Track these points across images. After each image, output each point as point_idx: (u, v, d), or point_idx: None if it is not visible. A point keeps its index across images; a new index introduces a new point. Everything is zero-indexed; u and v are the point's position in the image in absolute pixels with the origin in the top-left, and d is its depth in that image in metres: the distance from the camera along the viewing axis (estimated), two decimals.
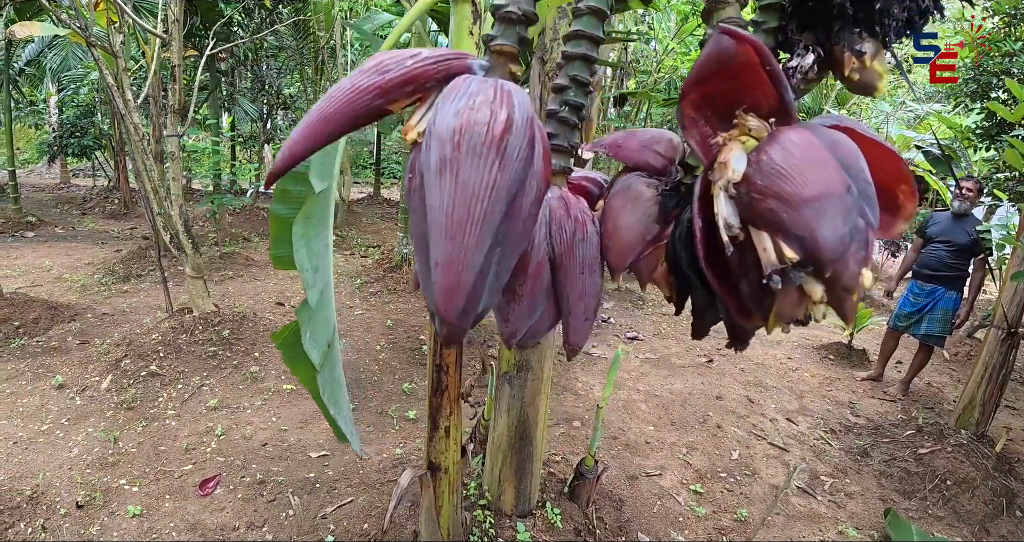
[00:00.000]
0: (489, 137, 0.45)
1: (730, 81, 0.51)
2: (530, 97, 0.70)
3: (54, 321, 4.73)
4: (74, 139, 9.56)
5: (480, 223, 0.46)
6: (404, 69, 0.51)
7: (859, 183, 0.46)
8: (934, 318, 4.66)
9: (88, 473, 2.95)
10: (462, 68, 0.54)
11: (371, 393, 3.97)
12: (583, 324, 0.63)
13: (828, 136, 0.48)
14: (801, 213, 0.44)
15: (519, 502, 2.45)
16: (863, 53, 0.56)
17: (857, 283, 0.45)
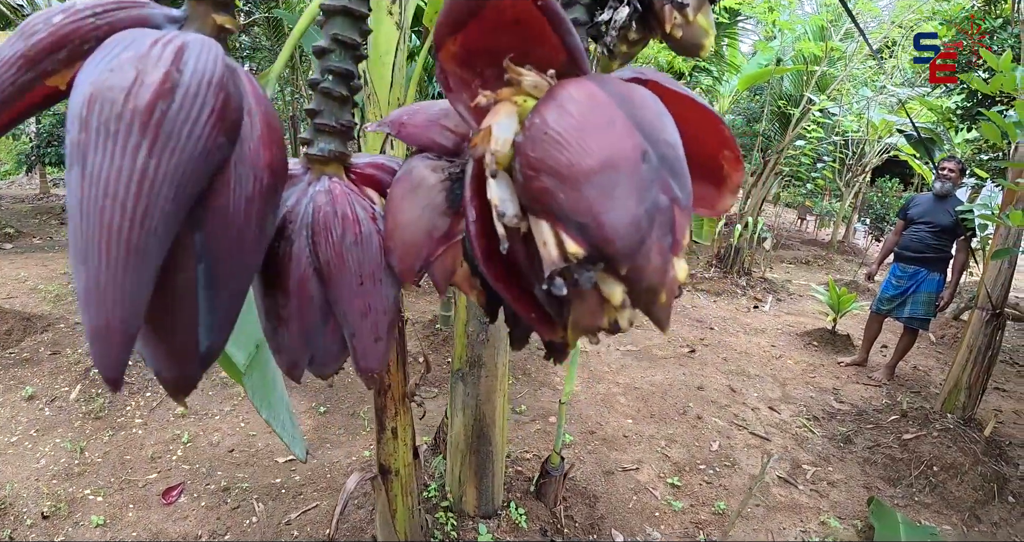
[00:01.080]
0: (129, 107, 0.31)
1: (500, 25, 0.40)
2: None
3: (27, 332, 4.65)
4: (51, 148, 9.44)
5: (121, 231, 0.31)
6: (52, 28, 0.37)
7: (660, 147, 0.35)
8: (918, 301, 4.63)
9: (54, 484, 2.90)
10: (135, 20, 0.39)
11: (343, 395, 3.91)
12: (374, 346, 0.50)
13: (620, 89, 0.37)
14: (581, 192, 0.34)
15: (482, 503, 2.39)
16: (685, 5, 0.50)
17: (665, 279, 0.35)
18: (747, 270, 7.87)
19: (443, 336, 4.71)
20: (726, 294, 7.20)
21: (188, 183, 0.33)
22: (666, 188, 0.35)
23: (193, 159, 0.33)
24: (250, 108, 0.38)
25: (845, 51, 7.98)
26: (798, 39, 8.88)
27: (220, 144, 0.35)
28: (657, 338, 5.44)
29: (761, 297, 7.29)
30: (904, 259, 4.71)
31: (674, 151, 0.36)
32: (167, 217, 0.33)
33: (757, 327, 6.06)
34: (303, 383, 3.98)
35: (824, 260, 10.19)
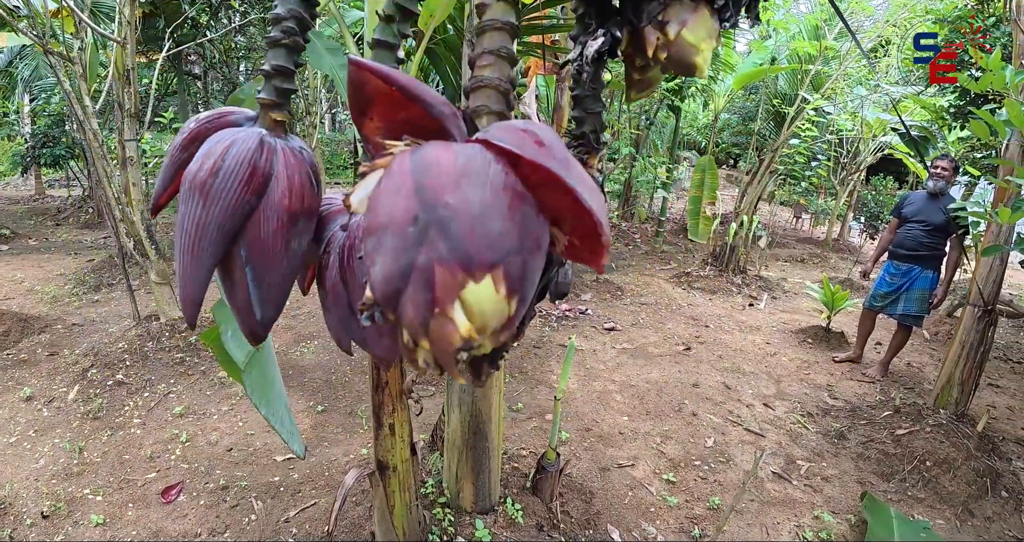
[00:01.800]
0: (195, 183, 0.56)
1: (393, 104, 0.50)
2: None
3: (24, 333, 4.66)
4: (46, 149, 9.39)
5: (192, 248, 0.57)
6: (187, 130, 0.65)
7: (436, 211, 0.39)
8: (911, 298, 4.67)
9: (53, 483, 2.92)
10: (228, 123, 0.65)
11: (341, 394, 3.93)
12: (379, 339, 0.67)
13: (431, 155, 0.42)
14: (366, 247, 0.41)
15: (478, 499, 2.41)
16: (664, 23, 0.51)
17: (421, 331, 0.39)
18: (742, 268, 7.90)
19: None
20: (721, 292, 7.23)
21: (226, 223, 0.57)
22: (432, 249, 0.38)
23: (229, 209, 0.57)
24: (278, 173, 0.59)
25: (840, 50, 8.02)
26: (792, 38, 8.92)
27: (249, 199, 0.58)
28: (653, 336, 5.47)
29: (756, 295, 7.33)
30: (898, 257, 4.74)
31: (452, 213, 0.38)
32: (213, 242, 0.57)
33: (752, 325, 6.09)
34: (300, 383, 4.00)
35: (819, 258, 10.22)
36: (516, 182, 0.41)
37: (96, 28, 3.89)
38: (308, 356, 4.47)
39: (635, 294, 6.71)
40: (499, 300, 0.40)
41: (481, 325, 0.39)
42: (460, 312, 0.39)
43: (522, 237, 0.40)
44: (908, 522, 2.88)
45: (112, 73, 4.14)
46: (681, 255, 9.59)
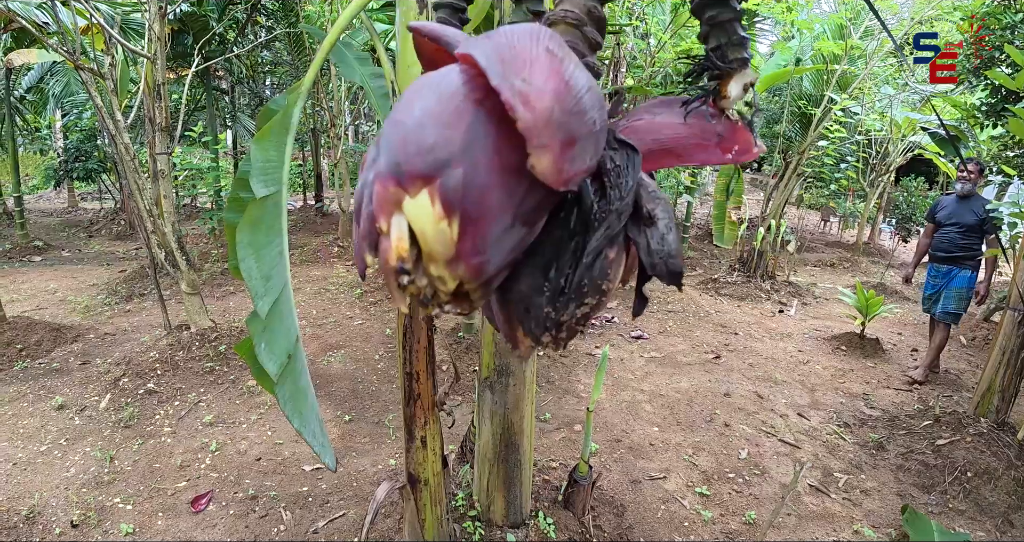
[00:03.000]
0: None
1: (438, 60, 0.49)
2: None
3: (56, 343, 4.74)
4: (78, 163, 9.62)
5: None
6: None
7: (384, 130, 0.39)
8: (949, 296, 4.76)
9: (84, 492, 2.94)
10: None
11: (368, 403, 3.92)
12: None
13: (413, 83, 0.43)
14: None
15: (510, 512, 2.37)
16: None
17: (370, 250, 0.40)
18: (771, 274, 7.76)
19: (466, 344, 4.70)
20: (750, 298, 7.10)
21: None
22: (375, 164, 0.39)
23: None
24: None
25: (865, 49, 7.87)
26: (816, 38, 8.78)
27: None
28: (681, 345, 5.38)
29: (786, 301, 7.19)
30: (937, 259, 4.89)
31: (394, 126, 0.38)
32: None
33: (783, 332, 5.97)
34: (328, 392, 4.00)
35: (849, 262, 10.01)
36: (472, 90, 0.38)
37: (126, 44, 3.96)
38: (335, 365, 4.47)
39: (662, 301, 6.62)
40: (436, 219, 0.37)
41: (427, 250, 0.38)
42: (397, 229, 0.38)
43: (467, 147, 0.36)
44: (949, 535, 2.79)
45: (142, 88, 4.21)
46: (707, 261, 9.46)
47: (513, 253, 0.43)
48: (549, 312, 0.46)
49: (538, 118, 0.35)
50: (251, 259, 1.30)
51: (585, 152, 0.39)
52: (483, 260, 0.40)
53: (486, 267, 0.41)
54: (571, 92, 0.38)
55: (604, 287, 0.47)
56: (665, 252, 0.48)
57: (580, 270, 0.45)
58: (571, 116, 0.37)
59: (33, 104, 11.28)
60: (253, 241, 1.30)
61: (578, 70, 0.41)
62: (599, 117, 0.41)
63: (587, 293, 0.46)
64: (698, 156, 0.55)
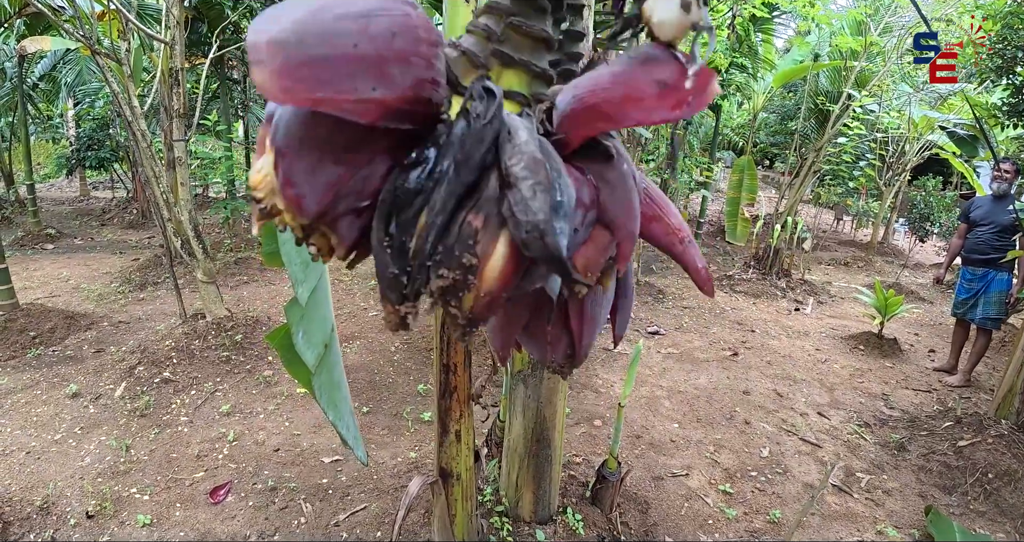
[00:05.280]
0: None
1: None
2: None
3: (70, 330, 4.71)
4: (91, 152, 9.59)
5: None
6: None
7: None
8: (989, 301, 4.65)
9: (99, 482, 2.91)
10: None
11: (385, 395, 3.88)
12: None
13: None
14: None
15: (538, 508, 2.33)
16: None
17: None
18: (786, 271, 7.69)
19: (482, 337, 4.66)
20: (765, 296, 7.03)
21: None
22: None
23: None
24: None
25: (884, 46, 7.76)
26: (834, 34, 8.67)
27: None
28: (698, 341, 5.33)
29: (802, 299, 7.12)
30: (972, 262, 4.77)
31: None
32: None
33: (799, 330, 5.91)
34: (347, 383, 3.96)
35: (864, 261, 9.91)
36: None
37: (144, 29, 3.91)
38: (351, 357, 4.44)
39: (676, 297, 6.56)
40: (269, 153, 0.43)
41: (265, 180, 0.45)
42: (260, 162, 0.46)
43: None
44: (971, 536, 2.76)
45: (159, 75, 4.17)
46: (720, 258, 9.39)
47: (335, 191, 0.44)
48: (396, 274, 0.43)
49: (257, 40, 0.38)
50: (290, 242, 1.25)
51: (341, 76, 0.39)
52: (297, 193, 0.42)
53: (303, 201, 0.43)
54: (315, 17, 0.39)
55: (466, 260, 0.41)
56: (531, 224, 0.39)
57: (432, 231, 0.42)
58: (310, 36, 0.38)
59: (45, 92, 11.25)
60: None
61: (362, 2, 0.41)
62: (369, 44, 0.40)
63: (441, 262, 0.42)
64: (634, 114, 0.45)
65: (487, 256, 0.42)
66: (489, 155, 0.44)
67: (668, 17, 0.43)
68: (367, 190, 0.45)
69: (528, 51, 0.58)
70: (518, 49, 0.57)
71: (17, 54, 7.62)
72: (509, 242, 0.42)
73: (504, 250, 0.42)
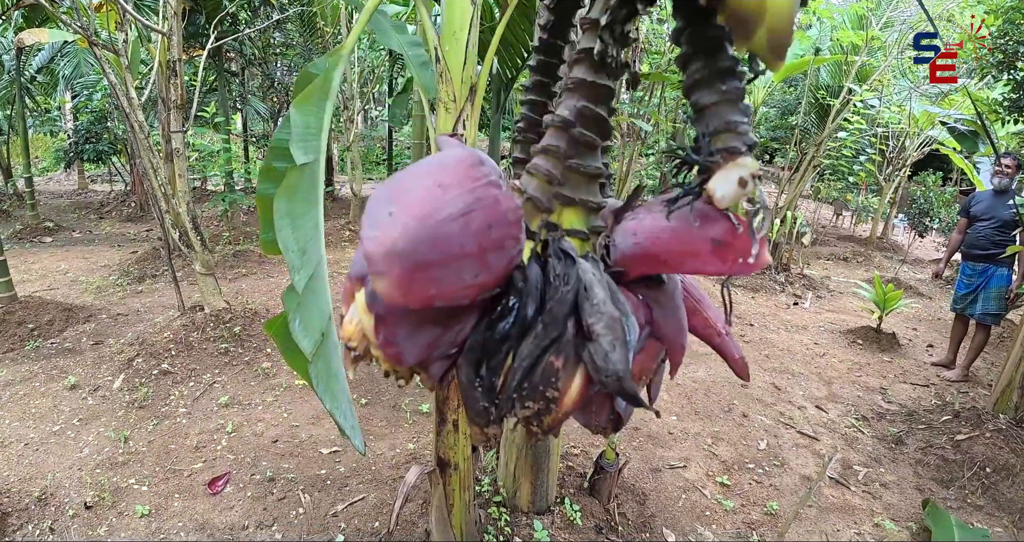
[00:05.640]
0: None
1: None
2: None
3: (68, 323, 4.70)
4: (89, 145, 9.55)
5: None
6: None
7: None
8: (988, 296, 4.63)
9: (97, 473, 2.91)
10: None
11: (384, 387, 3.88)
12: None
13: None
14: None
15: (536, 498, 2.33)
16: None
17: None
18: (785, 265, 7.69)
19: None
20: (764, 290, 7.03)
21: None
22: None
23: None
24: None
25: (885, 41, 7.73)
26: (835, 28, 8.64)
27: None
28: None
29: (800, 294, 7.12)
30: (972, 257, 4.75)
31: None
32: None
33: (798, 324, 5.91)
34: None
35: (863, 256, 9.91)
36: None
37: (142, 20, 3.89)
38: None
39: None
40: (364, 311, 0.50)
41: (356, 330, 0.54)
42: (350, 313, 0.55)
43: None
44: (968, 530, 2.77)
45: (156, 66, 4.15)
46: None
47: (431, 348, 0.51)
48: (486, 406, 0.52)
49: (375, 251, 0.42)
50: (288, 229, 1.25)
51: (450, 273, 0.44)
52: (397, 351, 0.50)
53: (402, 356, 0.51)
54: (424, 224, 0.43)
55: (548, 394, 0.50)
56: (611, 372, 0.48)
57: (519, 373, 0.50)
58: (422, 244, 0.43)
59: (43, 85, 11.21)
60: (291, 211, 1.24)
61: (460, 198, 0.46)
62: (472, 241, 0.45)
63: (527, 396, 0.50)
64: (690, 265, 0.53)
65: (566, 389, 0.51)
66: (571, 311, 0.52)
67: (727, 193, 0.49)
68: (458, 340, 0.53)
69: (584, 189, 0.66)
70: (576, 189, 0.65)
71: (15, 46, 7.57)
72: (584, 374, 0.51)
73: (580, 382, 0.51)
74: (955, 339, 5.09)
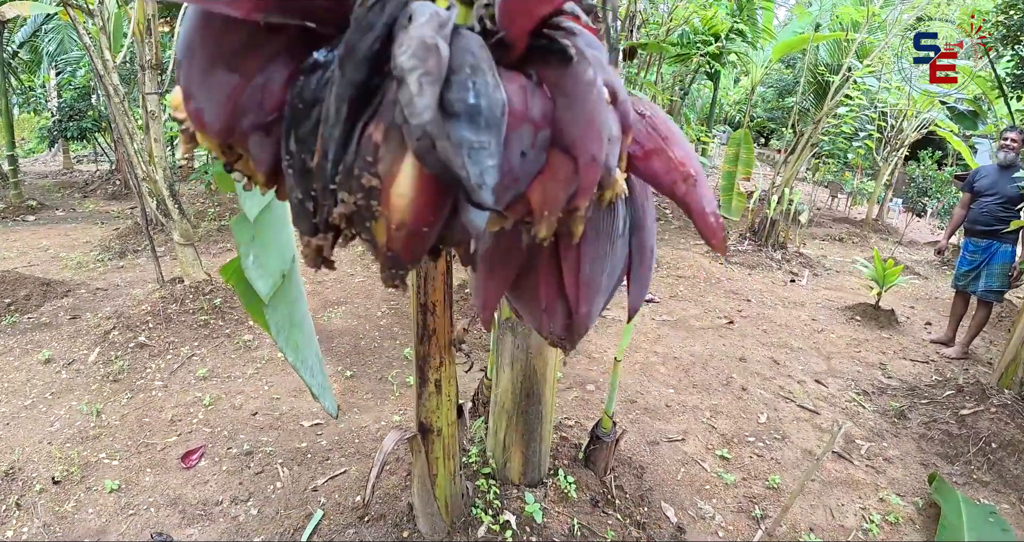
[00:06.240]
0: None
1: None
2: None
3: (46, 298, 4.55)
4: (73, 122, 9.32)
5: None
6: None
7: None
8: (991, 273, 4.52)
9: (67, 447, 2.77)
10: None
11: (371, 359, 3.74)
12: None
13: None
14: None
15: (528, 470, 2.19)
16: None
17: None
18: (782, 244, 7.59)
19: None
20: (761, 267, 6.93)
21: None
22: None
23: None
24: None
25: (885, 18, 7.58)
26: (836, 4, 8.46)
27: None
28: (693, 309, 5.21)
29: (797, 271, 7.01)
30: (975, 233, 4.62)
31: None
32: None
33: (796, 300, 5.80)
34: (328, 348, 3.82)
35: (859, 237, 9.82)
36: None
37: None
38: (336, 321, 4.29)
39: (671, 267, 6.43)
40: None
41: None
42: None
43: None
44: (975, 506, 2.68)
45: (133, 29, 3.95)
46: None
47: (234, 105, 0.37)
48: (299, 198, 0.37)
49: None
50: None
51: None
52: (196, 106, 0.37)
53: (202, 114, 0.37)
54: None
55: (365, 182, 0.33)
56: (419, 128, 0.30)
57: (329, 148, 0.34)
58: None
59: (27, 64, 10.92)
60: None
61: None
62: None
63: (341, 184, 0.34)
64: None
65: (391, 177, 0.33)
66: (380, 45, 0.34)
67: None
68: (269, 102, 0.38)
69: None
70: None
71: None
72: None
73: (412, 170, 0.33)
74: (955, 316, 4.99)
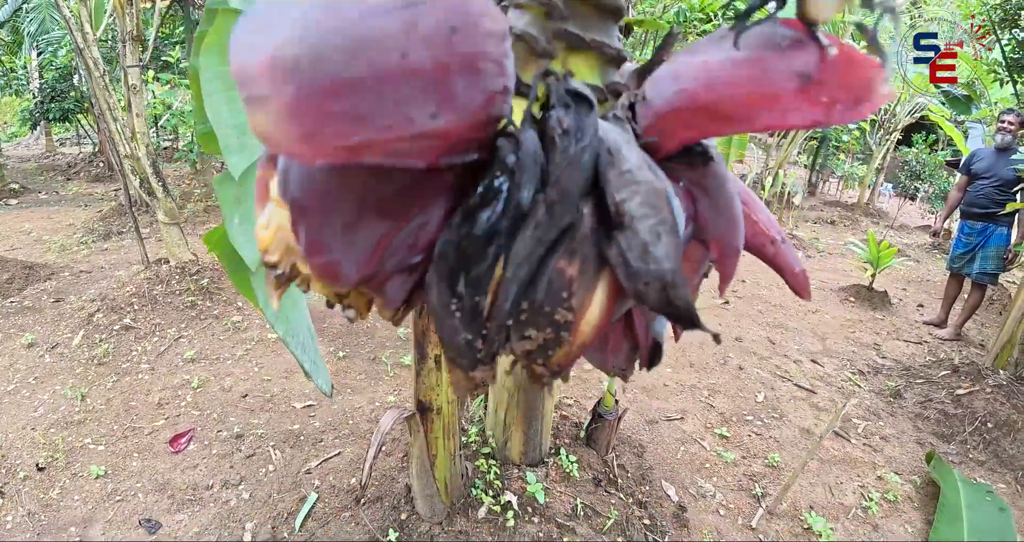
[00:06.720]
0: None
1: None
2: None
3: (29, 281, 4.44)
4: (54, 103, 9.12)
5: None
6: None
7: None
8: (987, 255, 4.51)
9: (51, 433, 2.69)
10: None
11: (364, 340, 3.67)
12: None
13: None
14: None
15: (528, 449, 2.13)
16: None
17: None
18: None
19: None
20: None
21: None
22: None
23: None
24: None
25: None
26: None
27: None
28: None
29: None
30: (971, 216, 4.60)
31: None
32: None
33: None
34: (320, 329, 3.74)
35: (850, 220, 9.84)
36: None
37: None
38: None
39: None
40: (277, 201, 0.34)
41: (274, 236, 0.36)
42: (265, 214, 0.37)
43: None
44: (972, 485, 2.69)
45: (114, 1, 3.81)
46: None
47: (381, 254, 0.34)
48: (469, 339, 0.35)
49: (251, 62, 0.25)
50: (220, 97, 1.00)
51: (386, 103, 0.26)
52: (329, 261, 0.32)
53: (338, 269, 0.33)
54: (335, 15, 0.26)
55: (559, 317, 0.33)
56: (652, 274, 0.31)
57: (514, 287, 0.33)
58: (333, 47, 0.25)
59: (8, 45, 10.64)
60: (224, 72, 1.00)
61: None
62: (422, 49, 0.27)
63: (527, 322, 0.34)
64: (765, 116, 0.34)
65: (583, 309, 0.34)
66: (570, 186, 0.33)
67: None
68: (422, 242, 0.35)
69: (597, 28, 0.45)
70: (586, 26, 0.44)
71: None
72: (609, 286, 0.35)
73: (603, 298, 0.35)
74: (948, 298, 4.99)
